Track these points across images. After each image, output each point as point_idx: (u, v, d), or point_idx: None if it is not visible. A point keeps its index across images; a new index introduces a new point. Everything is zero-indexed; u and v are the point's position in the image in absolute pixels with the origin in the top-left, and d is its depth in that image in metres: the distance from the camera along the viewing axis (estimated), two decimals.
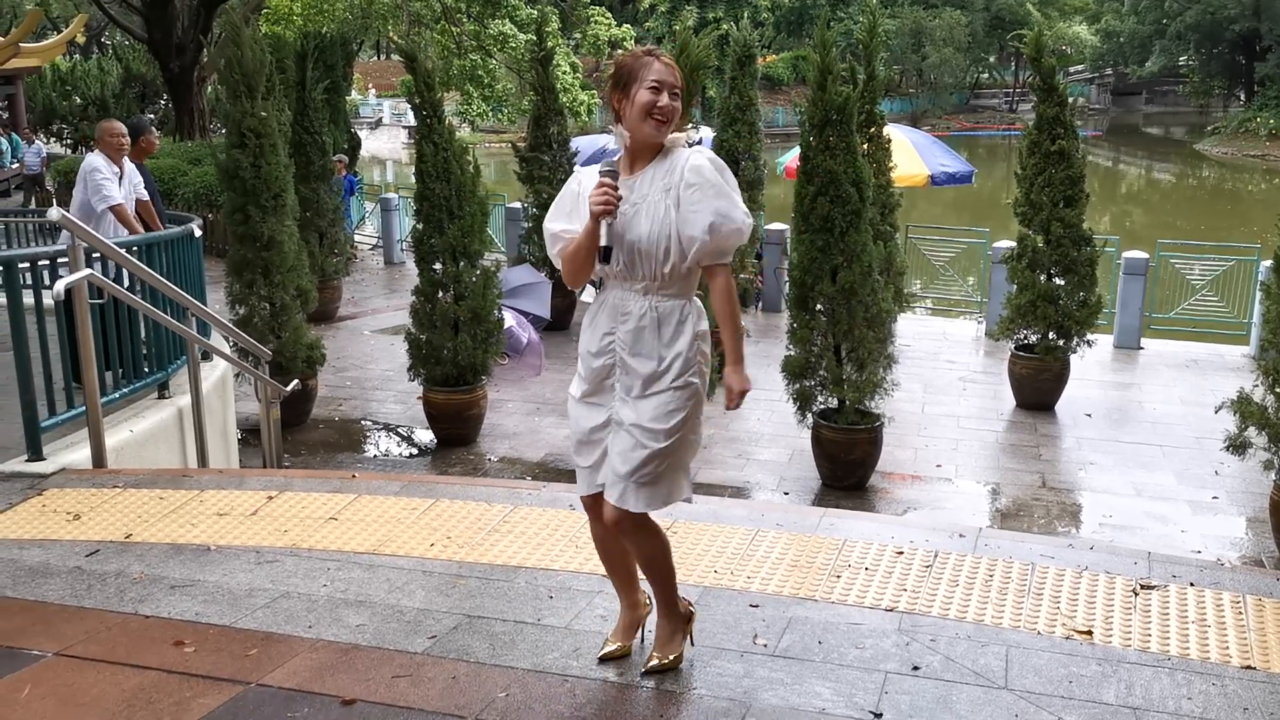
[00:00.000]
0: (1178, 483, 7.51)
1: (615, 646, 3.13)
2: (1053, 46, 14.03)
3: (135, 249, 5.93)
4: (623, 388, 2.90)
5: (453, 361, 7.99)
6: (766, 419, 8.84)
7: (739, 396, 2.88)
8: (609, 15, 24.00)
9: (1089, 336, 9.05)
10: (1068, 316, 8.91)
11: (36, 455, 4.94)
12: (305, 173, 12.24)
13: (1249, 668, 3.15)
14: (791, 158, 11.88)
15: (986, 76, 65.74)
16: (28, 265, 5.21)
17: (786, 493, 7.38)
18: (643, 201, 2.85)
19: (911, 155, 12.91)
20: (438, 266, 8.00)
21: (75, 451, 5.06)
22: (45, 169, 22.40)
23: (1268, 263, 9.24)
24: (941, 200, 25.80)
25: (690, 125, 7.38)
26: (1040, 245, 8.94)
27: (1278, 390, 5.92)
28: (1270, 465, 5.99)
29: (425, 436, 8.55)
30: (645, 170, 2.88)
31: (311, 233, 12.29)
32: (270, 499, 4.57)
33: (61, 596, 3.64)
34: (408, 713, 2.87)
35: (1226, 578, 3.77)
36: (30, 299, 5.06)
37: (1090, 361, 9.97)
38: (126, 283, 5.79)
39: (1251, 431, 6.05)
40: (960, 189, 17.42)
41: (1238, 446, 6.14)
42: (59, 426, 5.14)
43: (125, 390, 5.67)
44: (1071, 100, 9.33)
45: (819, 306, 7.13)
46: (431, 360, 8.04)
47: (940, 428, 8.74)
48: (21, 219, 11.98)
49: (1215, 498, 7.23)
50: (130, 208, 7.01)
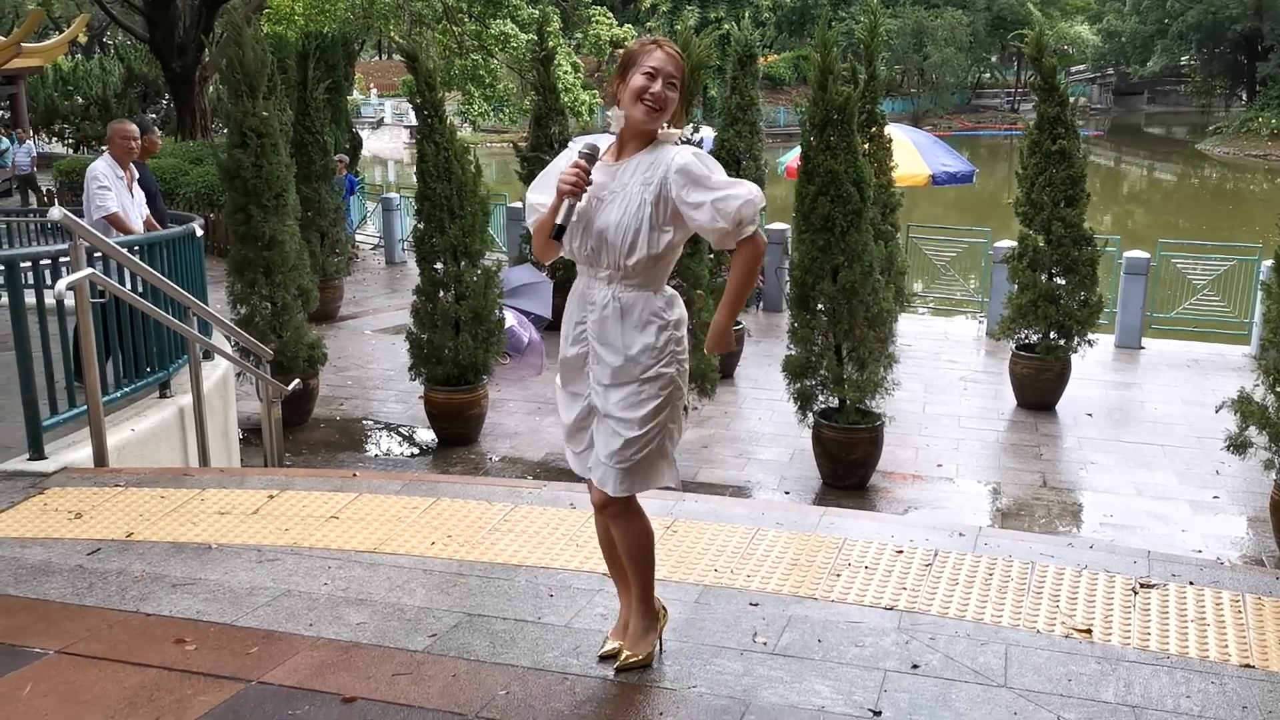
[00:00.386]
0: (1178, 482, 7.51)
1: (615, 645, 3.13)
2: (1054, 46, 14.03)
3: (137, 249, 5.94)
4: (595, 377, 2.90)
5: (454, 361, 8.00)
6: (767, 418, 8.85)
7: (713, 350, 3.01)
8: (610, 15, 24.02)
9: (1090, 336, 9.05)
10: (1069, 316, 8.91)
11: (38, 454, 4.95)
12: (307, 172, 12.26)
13: (1248, 666, 3.15)
14: (792, 157, 11.86)
15: (988, 76, 65.72)
16: (29, 265, 5.21)
17: (787, 492, 7.38)
18: (621, 190, 2.84)
19: (913, 155, 12.90)
20: (439, 266, 8.01)
21: (77, 450, 5.07)
22: (35, 169, 22.28)
23: (1269, 262, 9.23)
24: (943, 200, 25.77)
25: (691, 125, 7.41)
26: (1041, 245, 8.93)
27: (1278, 390, 5.92)
28: (1271, 465, 5.99)
29: (426, 436, 8.56)
30: (631, 159, 2.86)
31: (313, 232, 12.30)
32: (271, 498, 4.58)
33: (63, 595, 3.65)
34: (408, 710, 2.88)
35: (1226, 577, 3.77)
36: (32, 298, 5.07)
37: (1091, 361, 9.97)
38: (129, 283, 5.80)
39: (1252, 431, 6.06)
40: (961, 189, 17.40)
41: (1238, 446, 6.14)
42: (61, 425, 5.15)
43: (127, 389, 5.68)
44: (1073, 100, 9.33)
45: (820, 306, 7.13)
46: (433, 360, 8.05)
47: (941, 427, 8.74)
48: (23, 219, 11.99)
49: (1216, 497, 7.23)
50: (139, 214, 6.95)
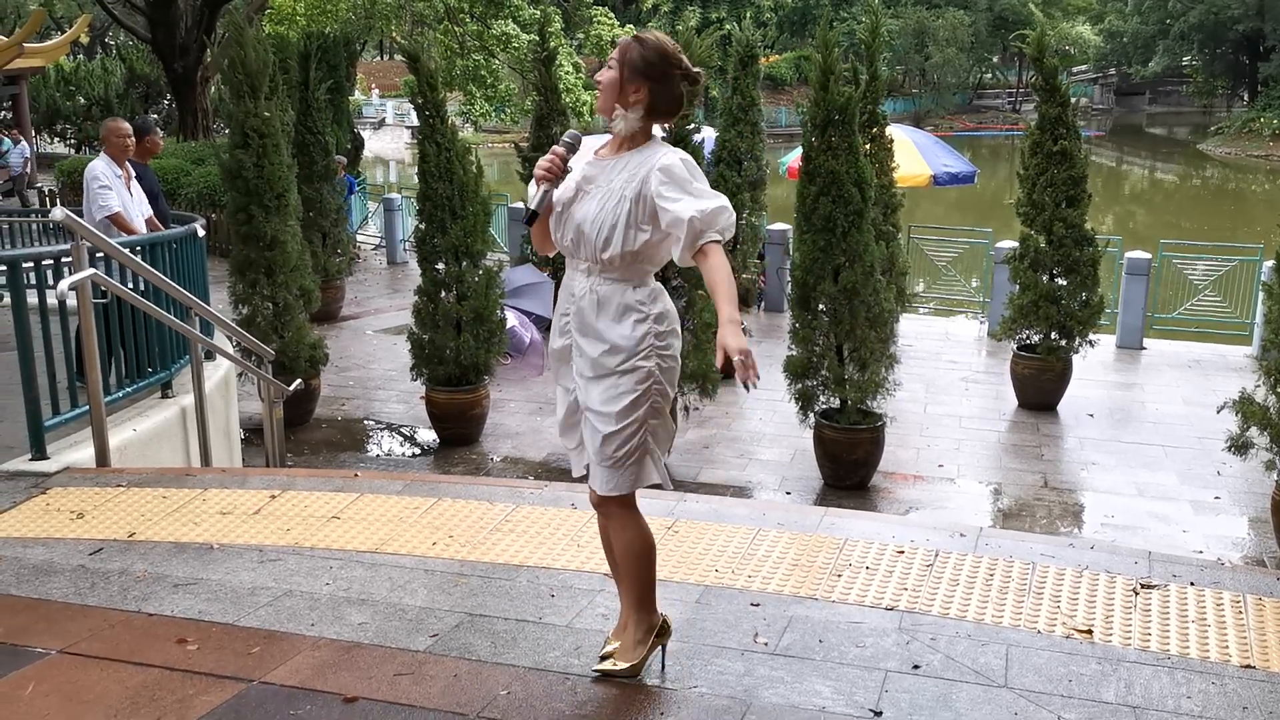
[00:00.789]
0: (1180, 483, 7.51)
1: (612, 648, 3.12)
2: (1055, 47, 14.02)
3: (139, 249, 5.94)
4: (577, 369, 2.88)
5: (455, 361, 8.00)
6: (768, 419, 8.85)
7: (738, 357, 2.55)
8: (612, 15, 24.00)
9: (1091, 336, 9.06)
10: (1070, 317, 8.91)
11: (40, 454, 4.95)
12: (308, 173, 12.26)
13: (1249, 667, 3.16)
14: (794, 158, 11.86)
15: (989, 77, 65.67)
16: (32, 265, 5.22)
17: (788, 492, 7.39)
18: (605, 185, 2.83)
19: (914, 155, 12.89)
20: (440, 266, 8.02)
21: (79, 450, 5.07)
22: (27, 170, 22.20)
23: (1270, 263, 9.22)
24: (944, 200, 25.76)
25: (693, 125, 7.40)
26: (1043, 245, 8.94)
27: (1279, 390, 5.92)
28: (1272, 465, 5.99)
29: (428, 436, 8.56)
30: (623, 156, 2.85)
31: (315, 233, 12.31)
32: (273, 498, 4.59)
33: (65, 595, 3.65)
34: (409, 710, 2.88)
35: (1227, 577, 3.77)
36: (34, 299, 5.08)
37: (1092, 361, 9.97)
38: (131, 283, 5.80)
39: (1253, 432, 6.06)
40: (963, 189, 17.40)
41: (1240, 447, 6.14)
42: (63, 425, 5.15)
43: (129, 389, 5.68)
44: (1074, 100, 9.34)
45: (821, 306, 7.14)
46: (434, 360, 8.06)
47: (942, 428, 8.74)
48: (25, 219, 12.00)
49: (1217, 498, 7.23)
50: (139, 211, 6.97)
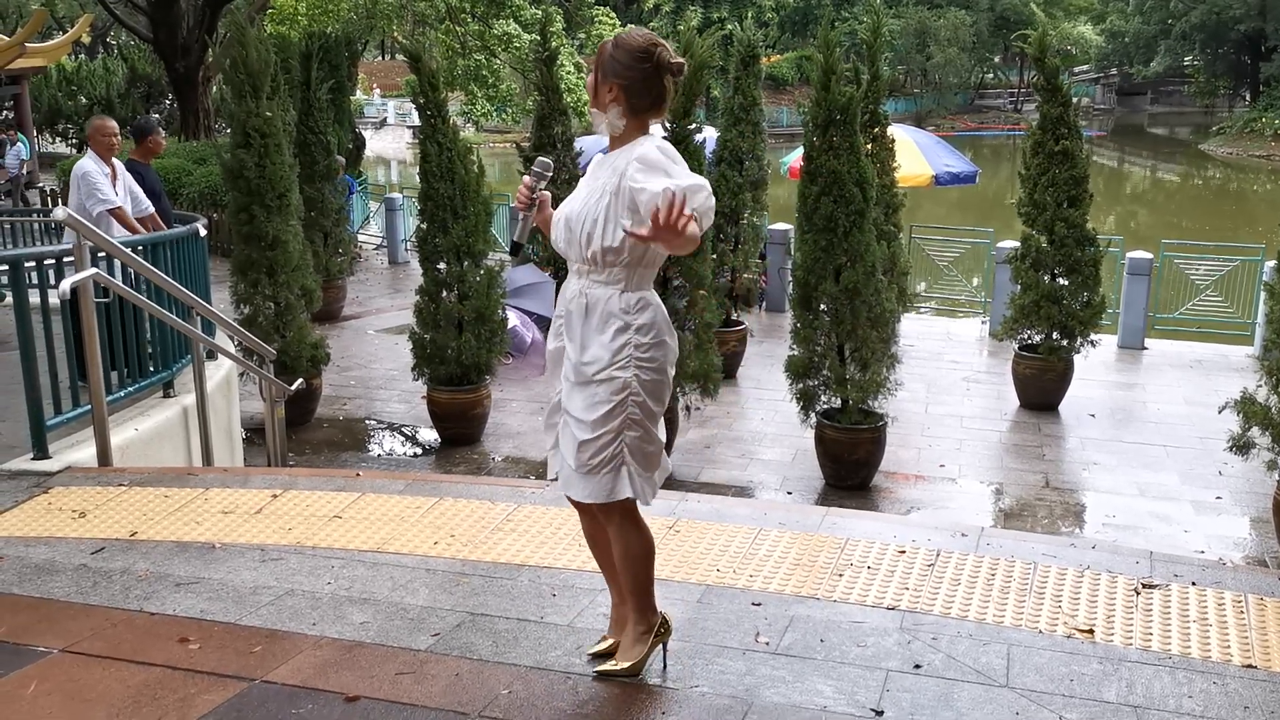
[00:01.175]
0: (1181, 483, 7.51)
1: (605, 645, 3.13)
2: (1057, 47, 14.02)
3: (140, 248, 5.95)
4: (565, 373, 2.87)
5: (457, 361, 8.00)
6: (770, 419, 8.85)
7: (666, 200, 2.46)
8: (613, 15, 24.03)
9: (1093, 337, 9.05)
10: (1071, 317, 8.91)
11: (42, 453, 4.96)
12: (310, 172, 12.27)
13: (1250, 667, 3.16)
14: (795, 158, 11.85)
15: (991, 77, 65.67)
16: (33, 264, 5.23)
17: (790, 492, 7.39)
18: (593, 182, 2.83)
19: (915, 155, 12.89)
20: (442, 266, 8.02)
21: (80, 450, 5.07)
22: (24, 170, 22.19)
23: (1272, 263, 9.23)
24: (945, 200, 25.75)
25: (694, 125, 7.40)
26: (1044, 245, 8.93)
27: None
28: (1274, 465, 5.98)
29: (429, 436, 8.57)
30: (614, 152, 2.84)
31: (316, 232, 12.32)
32: (274, 497, 4.59)
33: (67, 594, 3.66)
34: (410, 709, 2.89)
35: (1228, 577, 3.77)
36: (36, 298, 5.08)
37: (1094, 361, 9.96)
38: (132, 282, 5.81)
39: (1255, 432, 6.05)
40: (964, 189, 17.40)
41: (1241, 447, 6.13)
42: (64, 425, 5.16)
43: (130, 389, 5.69)
44: (1076, 100, 9.32)
45: (822, 306, 7.13)
46: (436, 360, 8.06)
47: (944, 428, 8.74)
48: (27, 219, 12.01)
49: (1219, 498, 7.23)
50: (129, 209, 6.98)
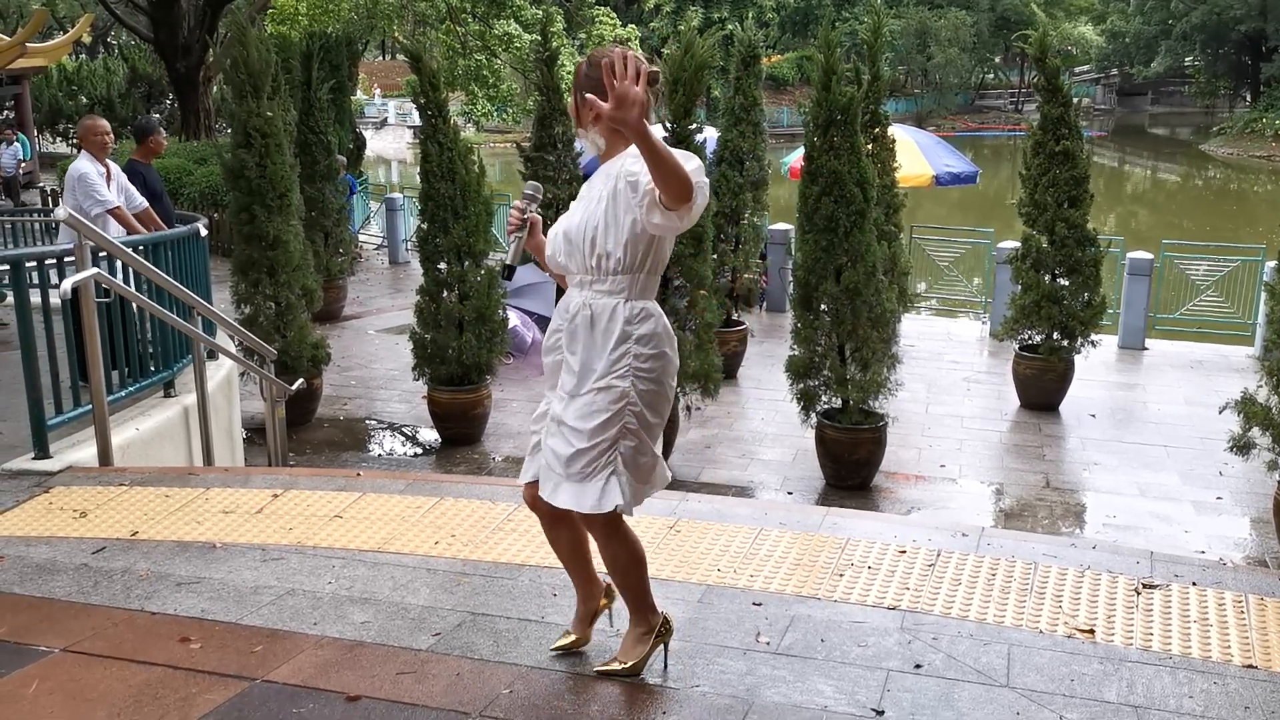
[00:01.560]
0: (1182, 483, 7.51)
1: (568, 640, 3.13)
2: (1057, 47, 14.01)
3: (141, 249, 5.95)
4: (561, 384, 2.86)
5: (457, 361, 8.01)
6: (770, 419, 8.85)
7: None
8: (614, 15, 24.03)
9: (1093, 337, 9.05)
10: (1072, 317, 8.91)
11: (43, 453, 4.96)
12: (311, 172, 12.27)
13: (1251, 667, 3.16)
14: (796, 158, 11.86)
15: (992, 77, 65.65)
16: (35, 264, 5.23)
17: (790, 492, 7.39)
18: (588, 194, 2.84)
19: (916, 155, 12.89)
20: (442, 266, 8.02)
21: (81, 449, 5.08)
22: (20, 171, 22.16)
23: (1273, 263, 9.24)
24: (946, 200, 25.76)
25: (695, 125, 7.40)
26: (1044, 246, 8.94)
27: None
28: (1274, 466, 5.98)
29: (430, 435, 8.57)
30: (607, 163, 2.85)
31: (317, 232, 12.32)
32: (275, 497, 4.59)
33: (68, 593, 3.66)
34: (411, 709, 2.89)
35: (1228, 577, 3.77)
36: (37, 298, 5.09)
37: (1094, 362, 9.97)
38: (133, 282, 5.81)
39: (1255, 432, 6.05)
40: (965, 189, 17.41)
41: (1242, 447, 6.14)
42: (65, 424, 5.16)
43: (131, 389, 5.70)
44: (1076, 100, 9.32)
45: (823, 306, 7.14)
46: (436, 359, 8.06)
47: (944, 428, 8.74)
48: (28, 219, 12.01)
49: (1219, 498, 7.23)
50: (122, 206, 6.98)
